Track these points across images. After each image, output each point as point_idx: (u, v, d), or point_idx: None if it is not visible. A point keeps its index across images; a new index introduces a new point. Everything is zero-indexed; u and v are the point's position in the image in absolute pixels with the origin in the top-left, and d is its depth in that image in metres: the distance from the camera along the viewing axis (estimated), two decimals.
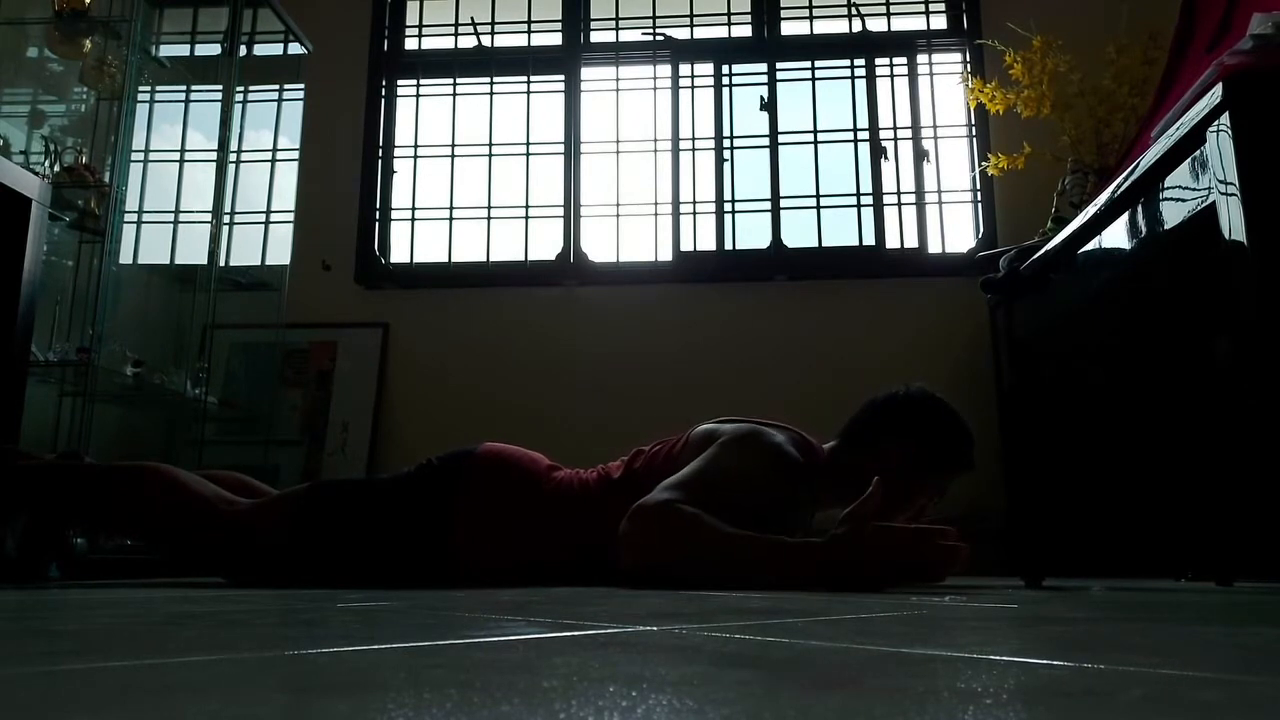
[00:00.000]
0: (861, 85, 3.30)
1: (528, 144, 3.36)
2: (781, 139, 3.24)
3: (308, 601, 1.03)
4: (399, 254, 3.32)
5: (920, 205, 3.18)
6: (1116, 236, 1.39)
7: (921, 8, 3.36)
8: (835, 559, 1.33)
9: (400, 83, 3.47)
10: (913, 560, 1.36)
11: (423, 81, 3.46)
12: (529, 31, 3.48)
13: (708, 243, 3.21)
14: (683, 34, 3.41)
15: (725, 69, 3.36)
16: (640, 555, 1.40)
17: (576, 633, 0.64)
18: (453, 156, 3.38)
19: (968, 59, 3.24)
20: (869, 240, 3.14)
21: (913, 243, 3.16)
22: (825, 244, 3.17)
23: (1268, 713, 0.33)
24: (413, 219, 3.35)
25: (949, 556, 1.37)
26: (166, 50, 3.27)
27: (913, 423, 1.60)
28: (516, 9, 3.49)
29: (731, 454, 1.52)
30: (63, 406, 2.25)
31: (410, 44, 3.51)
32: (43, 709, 0.33)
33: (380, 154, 3.37)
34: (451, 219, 3.32)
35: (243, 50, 3.10)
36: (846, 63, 3.33)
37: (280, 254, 3.10)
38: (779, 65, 3.32)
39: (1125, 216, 1.36)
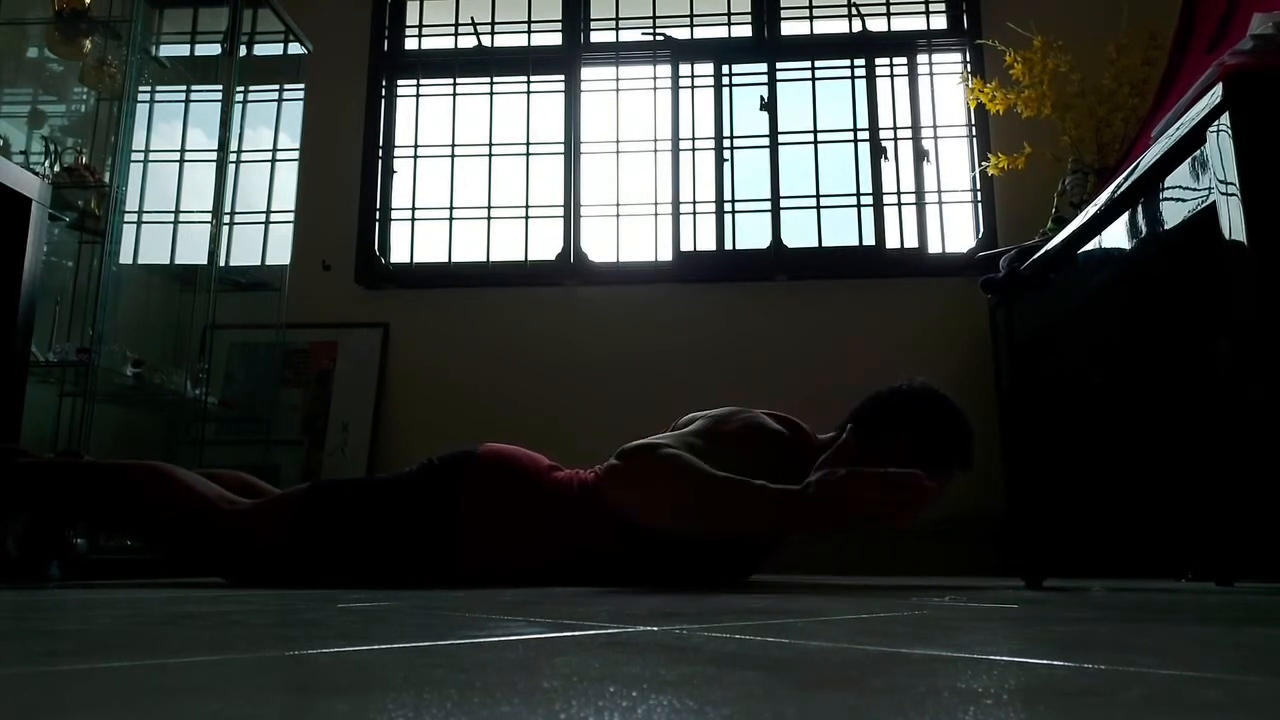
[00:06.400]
0: (861, 85, 3.30)
1: (528, 144, 3.36)
2: (781, 139, 3.24)
3: (308, 601, 1.03)
4: (399, 254, 3.32)
5: (920, 205, 3.18)
6: (1116, 236, 1.39)
7: (921, 8, 3.36)
8: (809, 500, 1.35)
9: (400, 83, 3.47)
10: (882, 497, 1.34)
11: (423, 81, 3.46)
12: (529, 31, 3.48)
13: (708, 243, 3.21)
14: (683, 34, 3.41)
15: (725, 69, 3.35)
16: (622, 491, 1.44)
17: (577, 633, 0.64)
18: (453, 156, 3.38)
19: (968, 59, 3.24)
20: (869, 240, 3.14)
21: (913, 243, 3.16)
22: (825, 244, 3.17)
23: (1268, 713, 0.33)
24: (413, 219, 3.34)
25: (917, 496, 1.34)
26: (166, 50, 3.27)
27: (913, 415, 1.58)
28: (516, 9, 3.49)
29: (714, 423, 1.58)
30: (63, 406, 2.25)
31: (410, 44, 3.51)
32: (43, 709, 0.33)
33: (380, 154, 3.37)
34: (451, 219, 3.32)
35: (243, 50, 3.10)
36: (846, 63, 3.33)
37: (280, 254, 3.10)
38: (779, 65, 3.32)
39: (1125, 216, 1.36)
